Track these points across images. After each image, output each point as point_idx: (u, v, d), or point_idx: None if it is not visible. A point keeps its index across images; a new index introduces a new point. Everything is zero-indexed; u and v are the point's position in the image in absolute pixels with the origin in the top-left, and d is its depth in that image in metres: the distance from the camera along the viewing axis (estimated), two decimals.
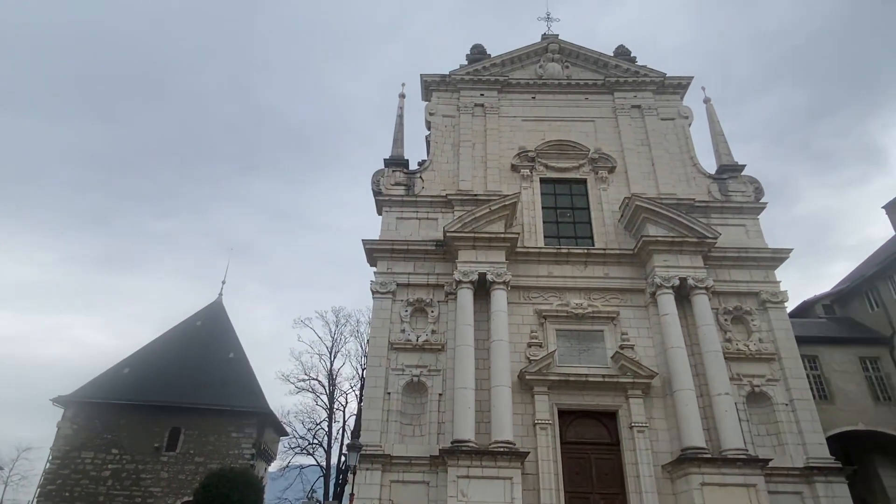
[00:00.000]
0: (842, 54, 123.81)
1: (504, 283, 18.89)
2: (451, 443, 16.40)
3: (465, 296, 18.69)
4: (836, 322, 26.02)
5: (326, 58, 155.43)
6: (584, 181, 22.63)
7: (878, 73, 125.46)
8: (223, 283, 40.27)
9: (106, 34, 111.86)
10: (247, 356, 36.78)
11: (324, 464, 36.90)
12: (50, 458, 29.78)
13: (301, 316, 56.40)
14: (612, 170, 22.62)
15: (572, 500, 16.61)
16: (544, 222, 21.63)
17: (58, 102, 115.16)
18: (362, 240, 20.20)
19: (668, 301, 18.63)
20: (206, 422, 31.54)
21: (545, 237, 21.23)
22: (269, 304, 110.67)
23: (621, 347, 18.58)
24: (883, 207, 25.76)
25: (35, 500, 28.88)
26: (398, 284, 19.77)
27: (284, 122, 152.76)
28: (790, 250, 20.16)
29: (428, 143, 25.14)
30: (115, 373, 33.26)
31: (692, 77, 24.99)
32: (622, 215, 20.99)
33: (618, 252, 20.31)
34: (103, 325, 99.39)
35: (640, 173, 22.49)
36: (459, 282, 18.86)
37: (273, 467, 37.55)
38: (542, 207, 21.97)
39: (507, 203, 20.14)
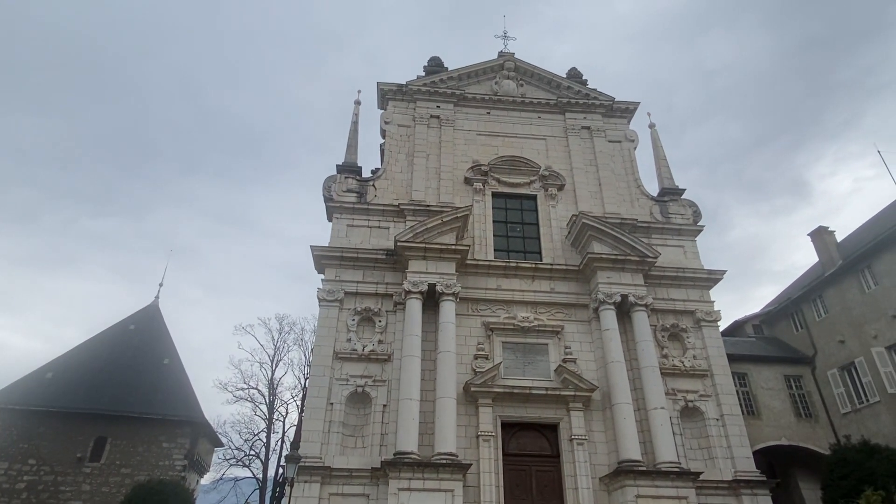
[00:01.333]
0: (773, 93, 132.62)
1: (453, 294, 18.96)
2: (394, 454, 16.20)
3: (414, 306, 18.63)
4: (764, 341, 27.50)
5: (281, 62, 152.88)
6: (534, 197, 23.11)
7: (803, 111, 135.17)
8: (160, 285, 38.48)
9: (47, 24, 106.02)
10: (182, 363, 35.22)
11: (260, 476, 35.71)
12: None
13: (243, 323, 54.72)
14: (561, 187, 23.22)
15: None
16: (495, 235, 21.92)
17: None
18: (311, 246, 19.85)
19: (609, 316, 19.19)
20: (135, 431, 29.91)
21: (495, 250, 21.50)
22: (209, 310, 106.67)
23: (564, 361, 18.95)
24: (808, 235, 27.50)
25: None
26: (346, 293, 19.49)
27: (233, 125, 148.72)
28: (724, 272, 21.24)
29: (382, 151, 25.07)
30: (36, 377, 31.08)
31: (639, 103, 26.10)
32: (569, 232, 21.54)
33: (564, 267, 20.80)
34: (25, 328, 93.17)
35: (588, 192, 23.19)
36: (409, 292, 18.79)
37: (206, 479, 36.00)
38: (493, 221, 22.27)
39: (459, 215, 20.29)
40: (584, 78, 27.10)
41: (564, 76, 26.75)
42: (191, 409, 31.89)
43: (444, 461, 15.95)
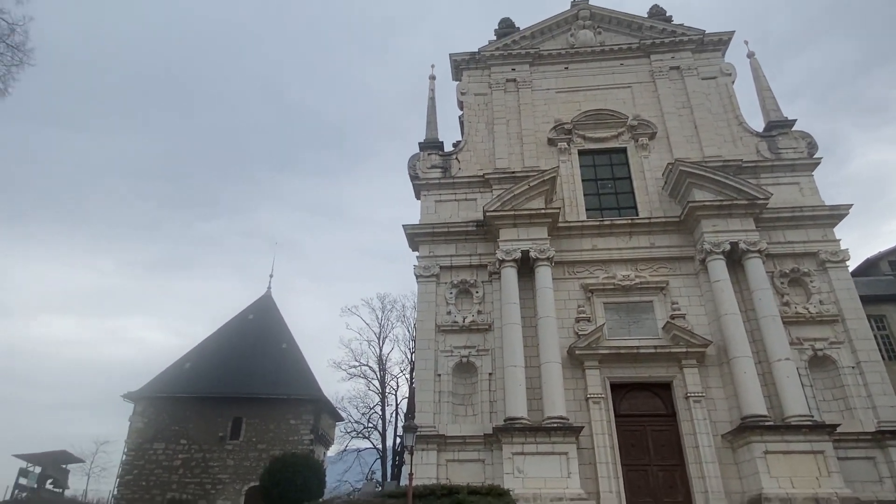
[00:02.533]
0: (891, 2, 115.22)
1: (547, 259, 18.69)
2: (504, 421, 16.48)
3: (509, 274, 18.60)
4: None
5: (351, 52, 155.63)
6: (623, 150, 22.02)
7: None
8: (270, 277, 41.54)
9: (130, 48, 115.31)
10: (298, 346, 37.91)
11: (380, 446, 37.86)
12: (125, 450, 31.63)
13: (348, 305, 57.60)
14: (652, 136, 21.91)
15: (630, 473, 16.47)
16: (585, 195, 21.21)
17: (98, 116, 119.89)
18: (403, 225, 20.34)
19: (719, 267, 18.03)
20: (265, 410, 32.77)
21: (587, 210, 20.83)
22: (315, 297, 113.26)
23: (672, 317, 18.13)
24: None
25: (115, 489, 30.77)
26: (441, 267, 19.83)
27: (315, 120, 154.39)
28: (849, 206, 19.11)
29: (461, 123, 24.95)
30: (177, 368, 34.88)
31: (733, 32, 23.78)
32: (666, 182, 20.35)
33: (663, 220, 19.74)
34: (161, 325, 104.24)
35: (683, 137, 21.69)
36: (502, 261, 18.77)
37: (331, 451, 38.81)
38: (582, 180, 21.52)
39: (545, 178, 19.82)
40: (667, 15, 25.12)
41: (645, 16, 24.96)
42: (311, 387, 34.32)
43: (555, 425, 15.98)
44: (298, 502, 16.44)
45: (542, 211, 19.29)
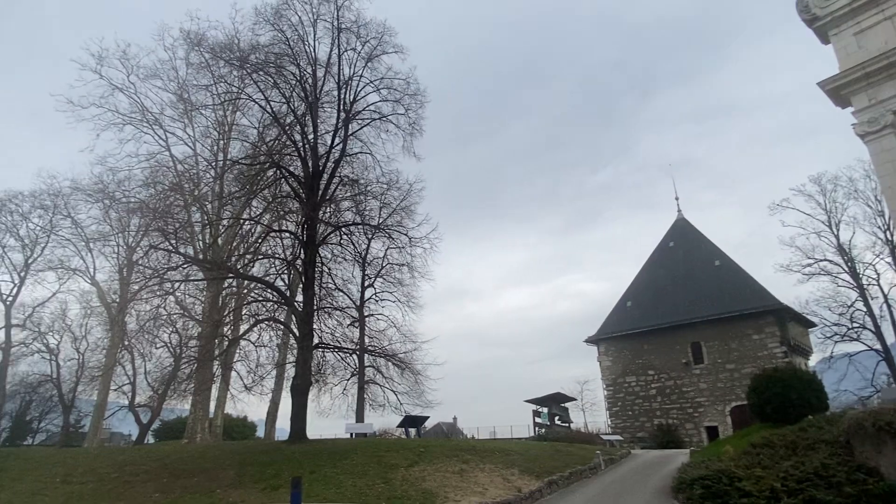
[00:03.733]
0: None
1: None
2: None
3: None
4: None
5: None
6: None
7: None
8: (676, 199, 39.83)
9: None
10: (732, 259, 35.17)
11: (877, 346, 31.25)
12: (603, 386, 35.78)
13: (775, 201, 49.71)
14: None
15: None
16: None
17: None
18: (818, 83, 16.13)
19: None
20: (720, 331, 31.65)
21: None
22: (726, 205, 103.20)
23: None
24: None
25: (609, 419, 35.11)
26: (893, 112, 14.85)
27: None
28: None
29: None
30: (620, 309, 37.36)
31: None
32: None
33: None
34: (589, 277, 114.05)
35: None
36: None
37: (812, 361, 34.32)
38: None
39: None
40: None
41: None
42: (764, 298, 31.29)
43: None
44: (799, 418, 14.94)
45: None
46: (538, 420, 29.56)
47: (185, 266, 18.37)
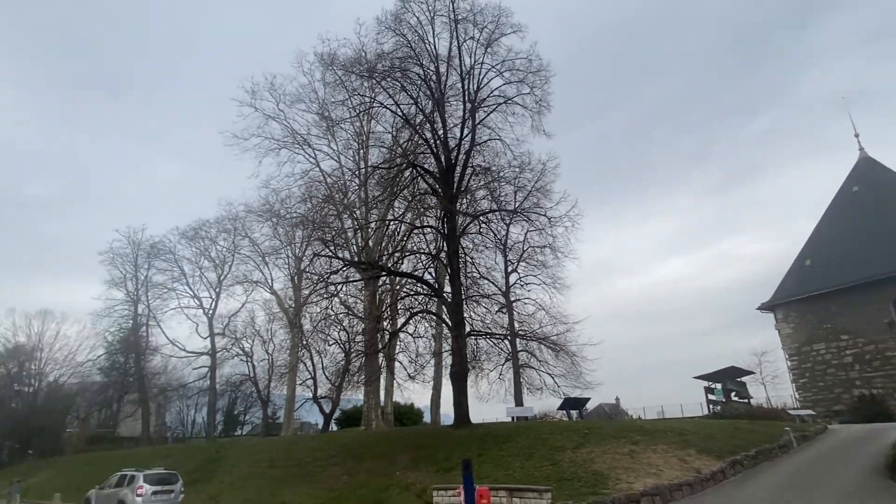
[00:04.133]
0: None
1: None
2: None
3: None
4: None
5: None
6: None
7: None
8: (856, 136, 34.26)
9: None
10: None
11: None
12: (786, 356, 31.99)
13: None
14: None
15: None
16: None
17: None
18: None
19: None
20: None
21: None
22: None
23: None
24: None
25: (795, 393, 31.39)
26: None
27: None
28: None
29: None
30: (797, 269, 33.12)
31: None
32: None
33: None
34: (753, 239, 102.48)
35: None
36: None
37: None
38: None
39: None
40: None
41: None
42: None
43: None
44: None
45: None
46: (711, 397, 27.42)
47: (345, 269, 20.01)
